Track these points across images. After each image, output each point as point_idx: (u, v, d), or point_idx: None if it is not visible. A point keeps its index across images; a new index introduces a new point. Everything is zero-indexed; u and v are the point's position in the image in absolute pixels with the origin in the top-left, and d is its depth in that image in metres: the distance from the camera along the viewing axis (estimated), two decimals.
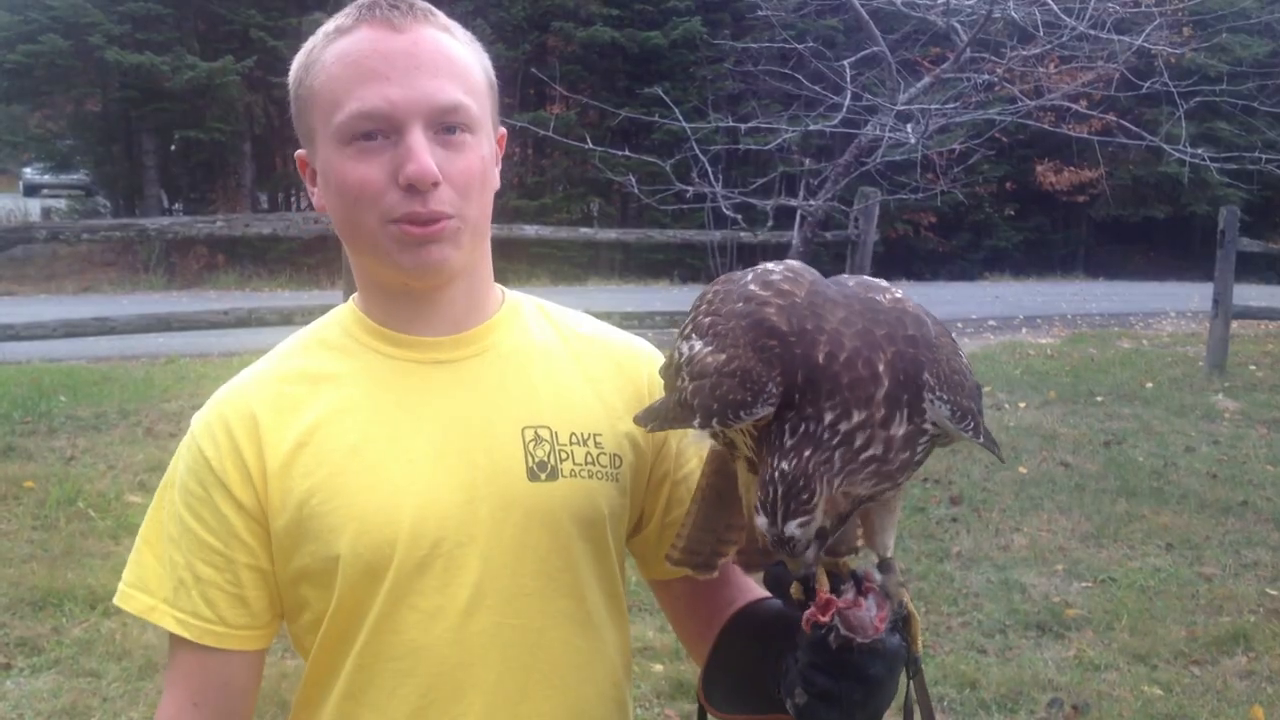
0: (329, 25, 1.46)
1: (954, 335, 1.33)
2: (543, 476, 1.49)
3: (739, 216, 7.79)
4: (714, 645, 1.57)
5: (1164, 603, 5.90)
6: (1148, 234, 33.04)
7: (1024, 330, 17.16)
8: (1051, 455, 8.73)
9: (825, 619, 1.25)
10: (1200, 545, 6.81)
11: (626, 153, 7.96)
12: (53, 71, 21.83)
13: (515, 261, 22.08)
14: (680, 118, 7.70)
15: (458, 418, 1.49)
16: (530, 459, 1.50)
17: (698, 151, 7.37)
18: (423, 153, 1.38)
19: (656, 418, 1.38)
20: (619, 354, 1.65)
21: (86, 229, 9.98)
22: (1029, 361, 13.64)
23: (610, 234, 13.64)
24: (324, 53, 1.43)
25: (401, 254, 1.43)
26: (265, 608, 1.50)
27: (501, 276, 1.65)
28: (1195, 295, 18.78)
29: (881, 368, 1.21)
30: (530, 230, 11.56)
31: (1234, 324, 13.35)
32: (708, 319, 1.31)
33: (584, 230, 13.71)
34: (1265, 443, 9.51)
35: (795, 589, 1.33)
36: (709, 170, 7.45)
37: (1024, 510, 7.31)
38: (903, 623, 1.32)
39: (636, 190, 7.75)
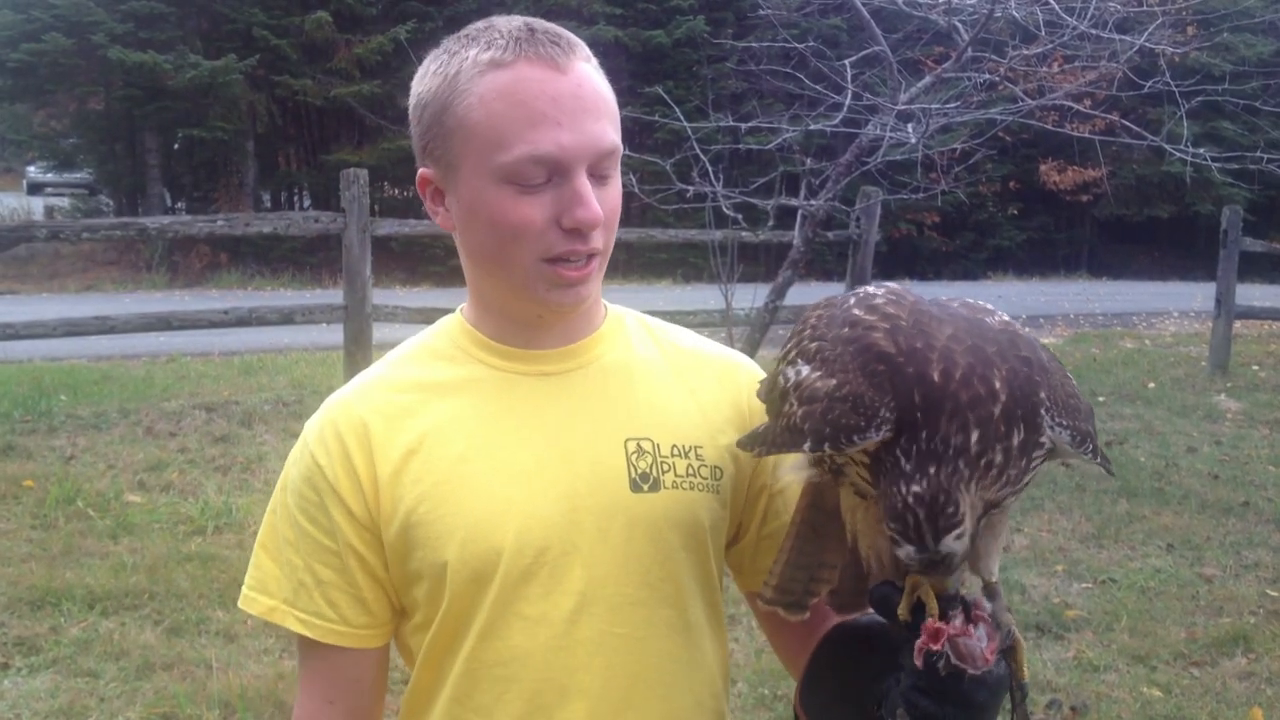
0: (479, 54, 1.43)
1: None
2: (645, 487, 1.52)
3: (739, 216, 7.79)
4: (812, 657, 1.56)
5: (1164, 604, 5.88)
6: (1151, 233, 33.00)
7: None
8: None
9: (937, 647, 1.25)
10: (1201, 546, 6.80)
11: (627, 152, 7.94)
12: (56, 70, 21.82)
13: None
14: (681, 117, 7.70)
15: (562, 429, 1.52)
16: (633, 470, 1.52)
17: (699, 151, 7.37)
18: (592, 200, 1.41)
19: (764, 442, 1.38)
20: (718, 367, 1.67)
21: (87, 228, 9.97)
22: None
23: None
24: (478, 83, 1.41)
25: (550, 293, 1.46)
26: (384, 607, 1.54)
27: None
28: (1198, 295, 18.77)
29: (998, 385, 1.21)
30: None
31: (1237, 324, 13.34)
32: (814, 344, 1.32)
33: None
34: (1267, 443, 9.50)
35: (903, 610, 1.32)
36: (710, 170, 7.45)
37: (1025, 510, 7.29)
38: (1009, 650, 1.31)
39: (637, 190, 7.74)
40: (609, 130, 1.43)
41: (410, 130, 1.53)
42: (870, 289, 1.37)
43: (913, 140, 7.26)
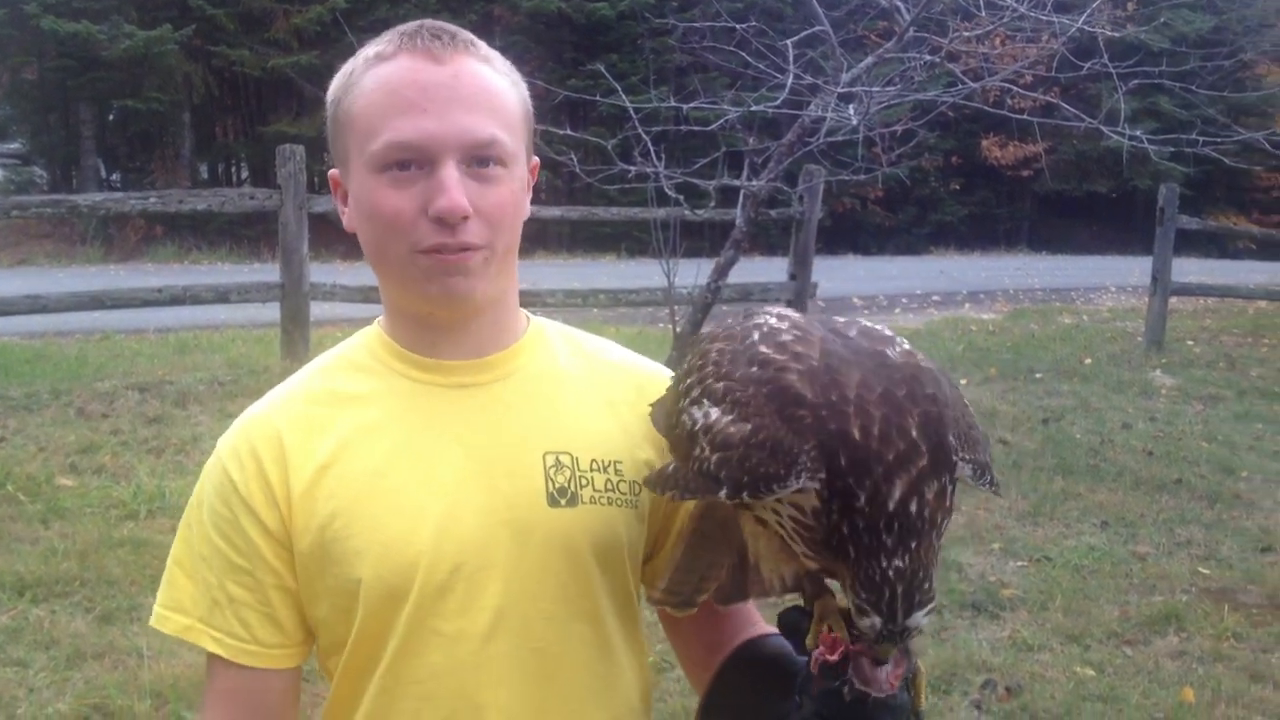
0: (370, 50, 1.46)
1: (913, 311, 1.33)
2: (563, 502, 1.50)
3: (681, 197, 7.76)
4: (713, 679, 1.56)
5: (1098, 582, 5.97)
6: (1090, 208, 33.42)
7: (967, 305, 17.28)
8: (991, 433, 8.70)
9: (834, 659, 1.26)
10: (1135, 523, 6.90)
11: (568, 130, 7.89)
12: None
13: None
14: (623, 96, 7.64)
15: (480, 442, 1.51)
16: (551, 484, 1.50)
17: (640, 131, 7.32)
18: (454, 187, 1.39)
19: (676, 486, 1.35)
20: (642, 380, 1.65)
21: (17, 205, 9.75)
22: (971, 337, 13.74)
23: (554, 211, 13.58)
24: (363, 77, 1.44)
25: (428, 283, 1.44)
26: (297, 627, 1.51)
27: None
28: (1136, 270, 19.00)
29: (915, 434, 1.20)
30: None
31: (1172, 300, 13.52)
32: (720, 384, 1.29)
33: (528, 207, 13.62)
34: (1201, 419, 9.65)
35: (811, 639, 1.32)
36: (651, 149, 7.40)
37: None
38: (910, 678, 1.31)
39: (579, 170, 7.69)
40: (485, 122, 1.41)
41: None
42: (773, 321, 1.34)
43: (854, 122, 7.26)
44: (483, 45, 1.49)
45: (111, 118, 24.85)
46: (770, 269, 12.88)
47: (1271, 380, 11.46)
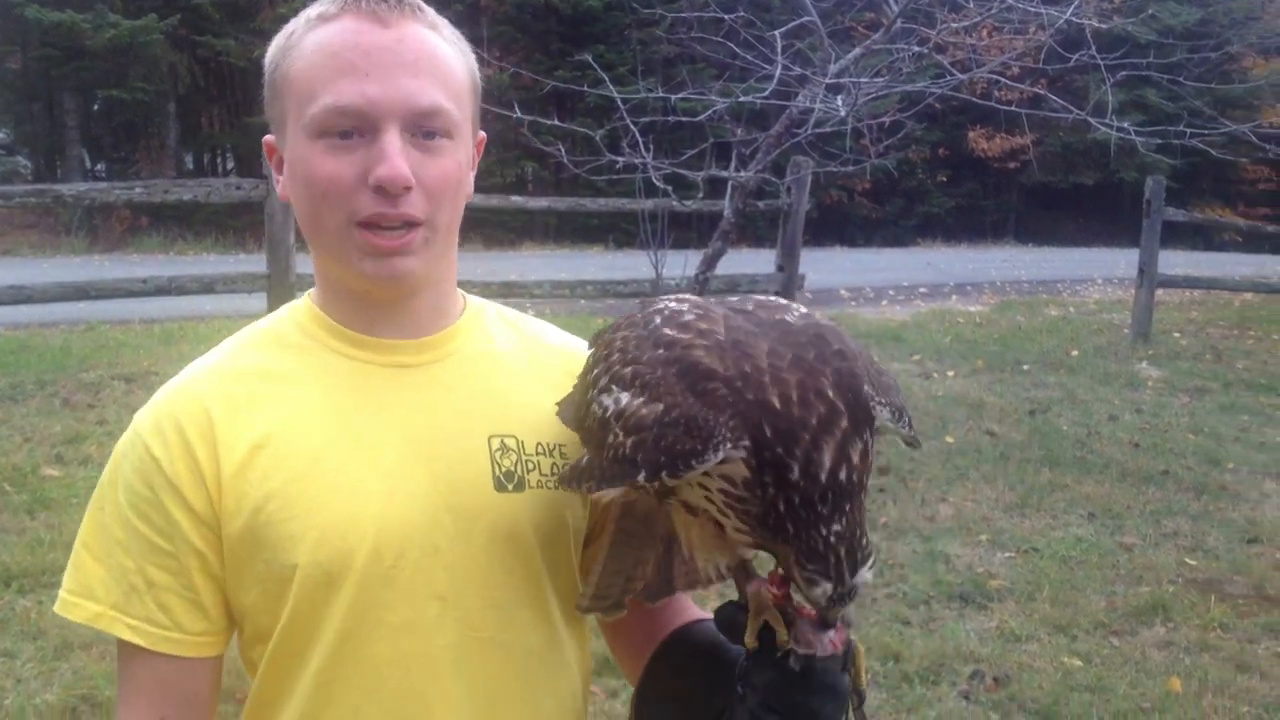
0: (312, 10, 1.40)
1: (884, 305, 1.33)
2: (510, 487, 1.47)
3: (669, 188, 7.74)
4: (645, 670, 1.54)
5: (1085, 573, 5.98)
6: (1077, 200, 33.52)
7: (954, 297, 17.30)
8: (978, 425, 8.81)
9: (780, 593, 1.28)
10: (1121, 515, 6.92)
11: (556, 121, 7.87)
12: None
13: None
14: (611, 87, 7.62)
15: (423, 424, 1.45)
16: (497, 469, 1.47)
17: (629, 122, 7.30)
18: (396, 155, 1.33)
19: (592, 477, 1.31)
20: (579, 363, 1.59)
21: (0, 195, 9.68)
22: (958, 329, 13.76)
23: (541, 202, 13.54)
24: (304, 39, 1.38)
25: (364, 262, 1.39)
26: (222, 613, 1.44)
27: None
28: (1122, 262, 19.06)
29: (832, 394, 1.19)
30: None
31: (1159, 292, 13.57)
32: (628, 369, 1.27)
33: (515, 199, 13.58)
34: (1187, 411, 9.69)
35: (750, 635, 1.31)
36: (639, 140, 7.38)
37: (950, 480, 7.37)
38: (849, 656, 1.31)
39: (566, 160, 7.66)
40: (429, 89, 1.36)
41: None
42: (672, 304, 1.32)
43: (842, 114, 7.25)
44: (430, 11, 1.43)
45: (96, 107, 24.74)
46: (758, 260, 12.87)
47: (1257, 372, 11.51)
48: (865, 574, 1.19)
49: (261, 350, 1.49)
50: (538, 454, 1.50)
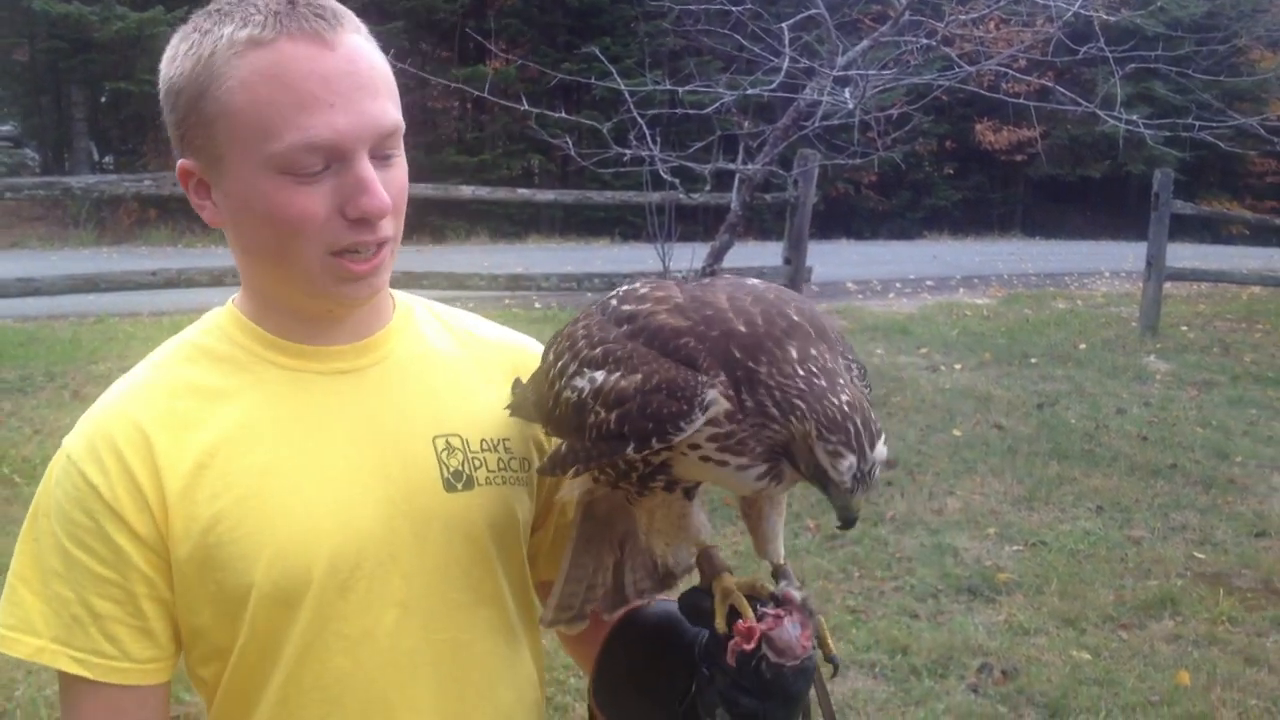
0: (232, 30, 1.30)
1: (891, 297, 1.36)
2: (459, 486, 1.45)
3: (677, 181, 7.75)
4: (601, 654, 1.55)
5: (1093, 566, 5.98)
6: (1084, 193, 33.42)
7: (961, 290, 17.27)
8: (985, 418, 8.81)
9: (751, 648, 1.26)
10: (1130, 508, 6.91)
11: (563, 114, 7.87)
12: None
13: (454, 219, 21.86)
14: (619, 79, 7.62)
15: (368, 430, 1.43)
16: (445, 469, 1.45)
17: (636, 114, 7.30)
18: (376, 186, 1.31)
19: (577, 460, 1.30)
20: (516, 357, 1.61)
21: (9, 187, 9.67)
22: (965, 322, 13.75)
23: (549, 195, 13.54)
24: (234, 64, 1.29)
25: (340, 287, 1.36)
26: (170, 638, 1.40)
27: (441, 234, 1.59)
28: (1130, 255, 19.01)
29: (796, 317, 1.24)
30: (468, 191, 11.49)
31: (1166, 285, 13.53)
32: (596, 350, 1.29)
33: (522, 191, 13.60)
34: (1195, 404, 9.67)
35: (720, 620, 1.31)
36: (647, 133, 7.39)
37: (958, 474, 7.37)
38: (816, 635, 1.32)
39: (574, 153, 7.67)
40: (389, 108, 1.33)
41: (164, 117, 1.39)
42: (625, 286, 1.35)
43: (850, 106, 7.25)
44: (351, 15, 1.36)
45: (104, 100, 24.73)
46: (764, 253, 12.87)
47: (1265, 365, 11.48)
48: (882, 449, 1.20)
49: (191, 365, 1.44)
50: (483, 450, 1.49)
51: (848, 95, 7.29)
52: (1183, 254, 15.62)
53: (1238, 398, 10.02)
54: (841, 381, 1.20)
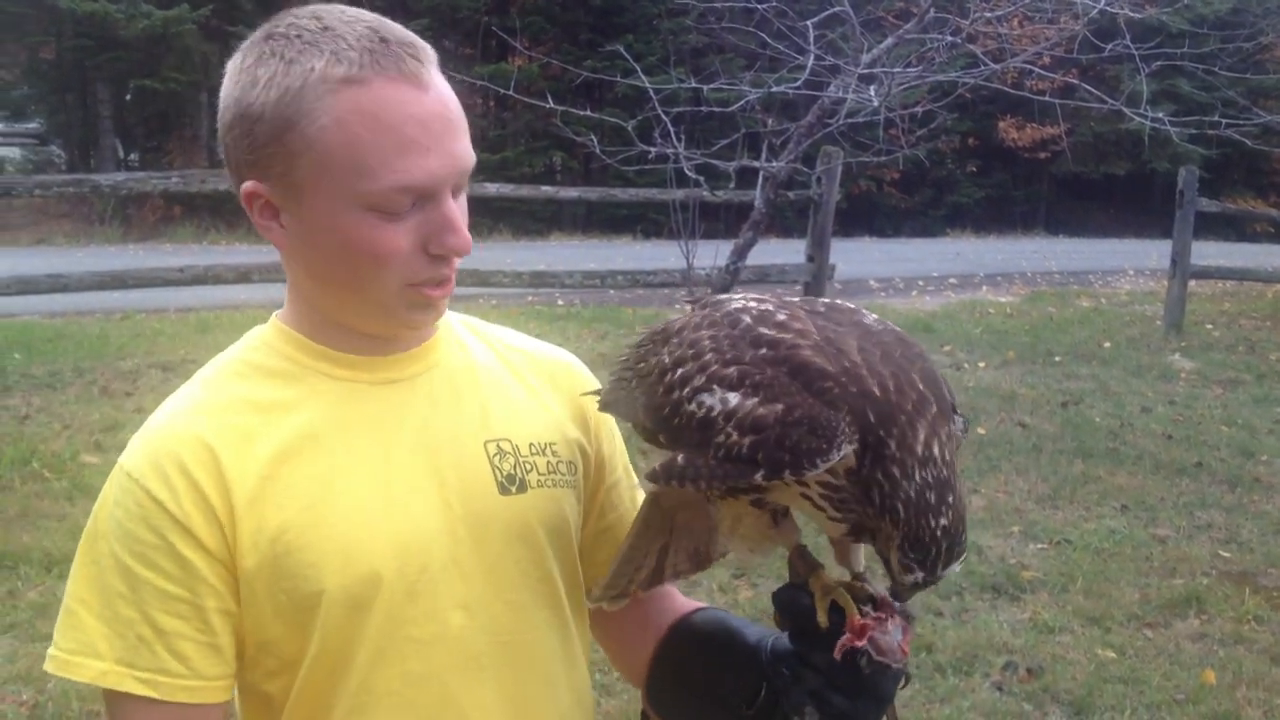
0: (324, 66, 1.31)
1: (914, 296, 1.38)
2: (513, 489, 1.48)
3: (701, 178, 7.76)
4: (653, 662, 1.58)
5: (1118, 565, 5.97)
6: (1108, 191, 33.29)
7: (984, 288, 17.23)
8: (1010, 416, 8.79)
9: (861, 643, 1.28)
10: (1155, 507, 6.90)
11: (589, 112, 7.89)
12: (5, 18, 21.46)
13: (478, 216, 21.80)
14: (644, 77, 7.64)
15: (421, 437, 1.46)
16: (498, 473, 1.48)
17: (660, 112, 7.32)
18: (462, 225, 1.36)
19: (700, 476, 1.29)
20: (550, 367, 1.64)
21: (40, 184, 9.79)
22: (989, 320, 13.72)
23: (572, 192, 13.57)
24: (330, 103, 1.30)
25: (411, 313, 1.41)
26: (234, 655, 1.40)
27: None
28: (1154, 253, 18.93)
29: (921, 386, 1.25)
30: (492, 188, 11.51)
31: (1191, 283, 13.47)
32: (731, 369, 1.28)
33: (545, 189, 13.66)
34: (1220, 403, 9.63)
35: (822, 615, 1.33)
36: (671, 131, 7.40)
37: (982, 471, 7.36)
38: None
39: (599, 151, 7.69)
40: (468, 147, 1.37)
41: (222, 137, 1.39)
42: (753, 305, 1.35)
43: (875, 104, 7.25)
44: (429, 48, 1.37)
45: (129, 98, 24.85)
46: (785, 251, 12.86)
47: None
48: (955, 567, 1.24)
49: (244, 380, 1.46)
50: (532, 454, 1.52)
51: (873, 93, 7.29)
52: (1207, 252, 15.55)
53: (1263, 396, 9.98)
54: (950, 500, 1.21)
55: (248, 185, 1.38)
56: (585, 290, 12.60)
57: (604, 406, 1.52)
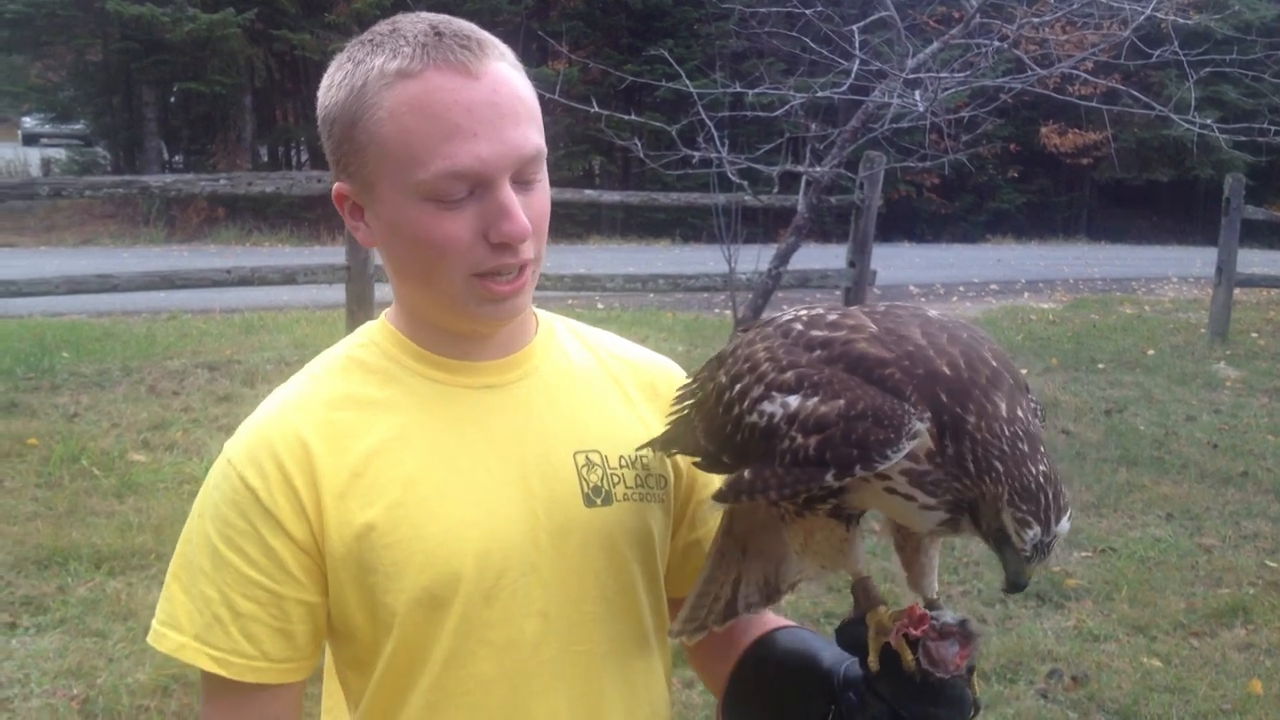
0: (383, 62, 1.36)
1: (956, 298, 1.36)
2: (598, 501, 1.50)
3: (745, 183, 7.76)
4: (730, 681, 1.57)
5: (1163, 573, 5.92)
6: (1151, 197, 32.97)
7: (1026, 295, 17.13)
8: (1053, 423, 8.74)
9: (918, 632, 1.27)
10: (1200, 516, 6.84)
11: (633, 116, 7.91)
12: (53, 22, 21.70)
13: None
14: (687, 81, 7.65)
15: (511, 443, 1.48)
16: (585, 484, 1.49)
17: (704, 116, 7.33)
18: (518, 211, 1.35)
19: (769, 487, 1.29)
20: (652, 375, 1.65)
21: (89, 185, 9.91)
22: (1031, 327, 13.64)
23: (614, 196, 13.62)
24: (386, 96, 1.34)
25: (481, 307, 1.41)
26: (309, 640, 1.44)
27: None
28: (1198, 260, 18.77)
29: (994, 363, 1.24)
30: None
31: (1236, 291, 13.35)
32: (788, 374, 1.27)
33: (588, 192, 13.69)
34: (1266, 412, 9.54)
35: (873, 657, 1.32)
36: (714, 135, 7.41)
37: None
38: (972, 668, 1.33)
39: (642, 155, 7.71)
40: (530, 134, 1.37)
41: (322, 142, 1.45)
42: (804, 313, 1.35)
43: (920, 109, 7.23)
44: (494, 40, 1.40)
45: (174, 100, 25.06)
46: (825, 256, 12.85)
47: None
48: (1066, 524, 1.20)
49: (347, 377, 1.50)
50: (621, 467, 1.53)
51: (918, 98, 7.28)
52: (1252, 259, 15.39)
53: None
54: (1042, 450, 1.20)
55: (336, 186, 1.44)
56: (626, 294, 12.61)
57: (662, 446, 1.52)
